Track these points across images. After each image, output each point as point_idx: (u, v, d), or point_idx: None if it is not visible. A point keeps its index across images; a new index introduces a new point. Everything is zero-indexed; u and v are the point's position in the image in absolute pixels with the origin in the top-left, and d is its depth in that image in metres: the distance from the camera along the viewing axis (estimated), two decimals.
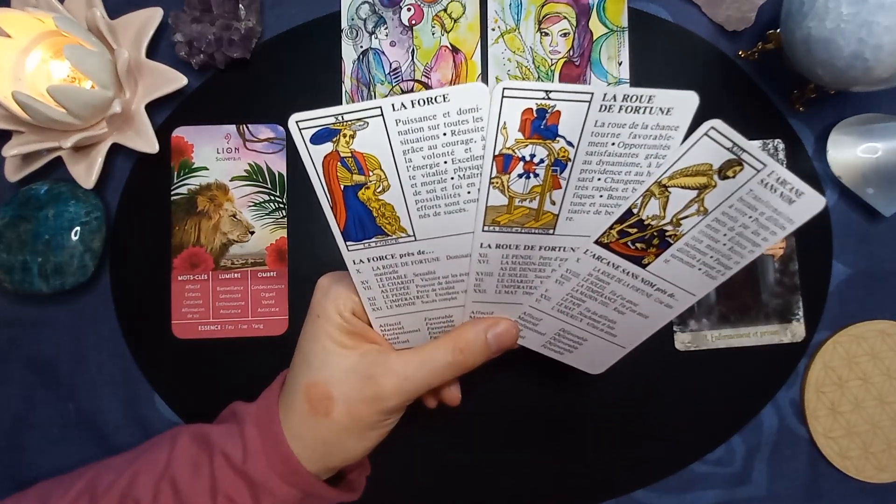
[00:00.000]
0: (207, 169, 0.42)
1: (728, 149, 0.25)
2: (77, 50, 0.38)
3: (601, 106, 0.25)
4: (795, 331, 0.41)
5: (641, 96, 0.24)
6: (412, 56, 0.42)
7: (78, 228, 0.40)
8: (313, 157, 0.26)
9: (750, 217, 0.27)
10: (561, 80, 0.42)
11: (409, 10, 0.42)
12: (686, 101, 0.25)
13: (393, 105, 0.25)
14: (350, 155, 0.26)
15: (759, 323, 0.41)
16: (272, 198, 0.42)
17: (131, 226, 0.42)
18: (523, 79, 0.41)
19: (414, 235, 0.29)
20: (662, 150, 0.26)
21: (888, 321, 0.42)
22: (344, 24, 0.42)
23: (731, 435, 0.41)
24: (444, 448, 0.41)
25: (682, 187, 0.26)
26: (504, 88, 0.25)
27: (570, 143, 0.26)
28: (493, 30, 0.42)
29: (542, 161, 0.27)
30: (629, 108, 0.25)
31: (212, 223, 0.42)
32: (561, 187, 0.27)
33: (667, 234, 0.28)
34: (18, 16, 0.39)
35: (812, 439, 0.41)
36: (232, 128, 0.42)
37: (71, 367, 0.42)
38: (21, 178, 0.41)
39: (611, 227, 0.28)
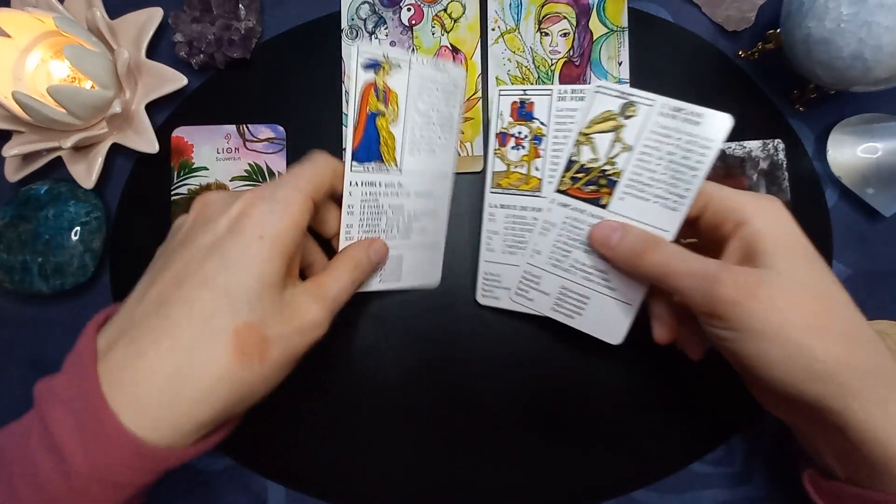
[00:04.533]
0: (207, 169, 0.42)
1: (618, 97, 0.33)
2: (77, 50, 0.38)
3: (558, 97, 0.36)
4: None
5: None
6: None
7: (78, 228, 0.40)
8: (359, 80, 0.32)
9: (671, 143, 0.31)
10: (561, 80, 0.42)
11: (409, 10, 0.42)
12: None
13: (422, 61, 0.34)
14: (383, 87, 0.33)
15: None
16: None
17: (131, 226, 0.42)
18: (523, 79, 0.42)
19: (399, 168, 0.35)
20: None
21: (888, 321, 0.42)
22: (344, 24, 0.42)
23: (731, 435, 0.41)
24: (443, 448, 0.41)
25: (601, 132, 0.34)
26: (500, 90, 0.39)
27: (542, 123, 0.37)
28: (493, 30, 0.42)
29: (525, 136, 0.38)
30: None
31: None
32: (540, 156, 0.37)
33: (608, 173, 0.33)
34: (18, 16, 0.39)
35: None
36: (232, 128, 0.42)
37: None
38: (21, 178, 0.41)
39: (563, 175, 0.35)
